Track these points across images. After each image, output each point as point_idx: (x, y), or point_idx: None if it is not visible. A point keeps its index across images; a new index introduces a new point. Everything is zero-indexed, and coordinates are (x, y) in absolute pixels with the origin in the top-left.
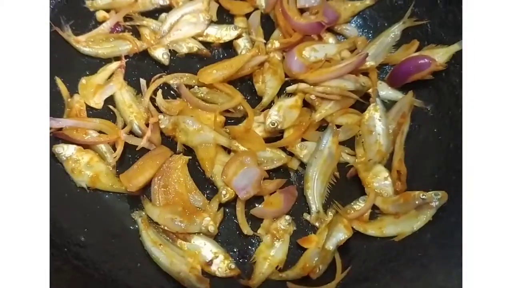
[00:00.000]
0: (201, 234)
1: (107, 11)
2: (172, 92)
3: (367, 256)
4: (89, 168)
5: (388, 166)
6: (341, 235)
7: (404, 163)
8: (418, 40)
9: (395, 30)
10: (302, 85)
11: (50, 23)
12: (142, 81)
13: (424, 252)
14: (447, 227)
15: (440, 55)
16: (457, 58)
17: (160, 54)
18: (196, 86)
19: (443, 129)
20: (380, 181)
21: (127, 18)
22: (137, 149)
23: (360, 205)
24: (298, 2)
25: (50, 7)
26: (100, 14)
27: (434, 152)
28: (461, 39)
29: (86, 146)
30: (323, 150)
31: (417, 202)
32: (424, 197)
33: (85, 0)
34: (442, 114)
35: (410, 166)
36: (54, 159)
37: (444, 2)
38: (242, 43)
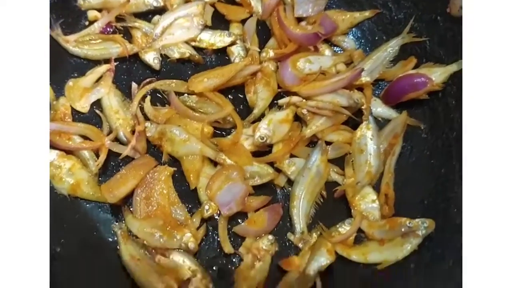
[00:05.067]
0: (181, 250)
1: (99, 10)
2: (160, 97)
3: (349, 283)
4: (71, 175)
5: (377, 187)
6: (323, 259)
7: (393, 187)
8: (416, 57)
9: (393, 45)
10: (295, 99)
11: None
12: (134, 85)
13: (406, 283)
14: (432, 258)
15: (437, 75)
16: (454, 78)
17: (151, 58)
18: (186, 94)
19: (436, 152)
20: (367, 203)
21: (119, 18)
22: (120, 157)
23: (345, 228)
24: (295, 10)
25: None
26: (92, 14)
27: (425, 176)
28: (460, 59)
29: (68, 151)
30: (311, 168)
31: (403, 229)
32: (410, 224)
33: None
34: (436, 137)
35: (399, 189)
36: None
37: (444, 19)
38: (236, 50)
